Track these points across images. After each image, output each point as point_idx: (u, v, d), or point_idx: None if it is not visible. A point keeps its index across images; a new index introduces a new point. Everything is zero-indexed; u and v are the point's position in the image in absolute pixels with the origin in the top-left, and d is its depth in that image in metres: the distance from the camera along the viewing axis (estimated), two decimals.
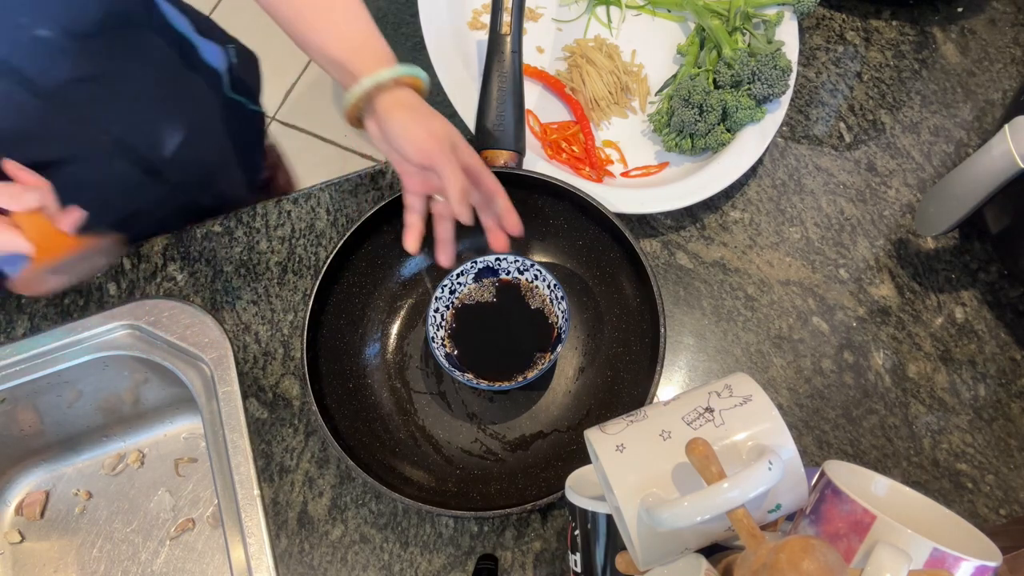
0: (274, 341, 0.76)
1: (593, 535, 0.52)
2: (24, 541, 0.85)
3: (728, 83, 0.79)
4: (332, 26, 0.64)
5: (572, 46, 0.87)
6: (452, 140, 0.63)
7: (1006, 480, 0.71)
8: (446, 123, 0.64)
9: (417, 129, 0.62)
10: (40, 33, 0.60)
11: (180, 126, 0.81)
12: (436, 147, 0.61)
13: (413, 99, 0.63)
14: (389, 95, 0.63)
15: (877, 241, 0.80)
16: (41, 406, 0.81)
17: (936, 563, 0.40)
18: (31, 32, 0.60)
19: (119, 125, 0.74)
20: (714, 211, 0.81)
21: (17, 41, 0.59)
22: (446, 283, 0.71)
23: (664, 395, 0.73)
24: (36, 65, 0.62)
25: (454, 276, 0.71)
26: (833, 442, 0.72)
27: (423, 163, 0.62)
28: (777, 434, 0.44)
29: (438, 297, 0.71)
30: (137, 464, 0.88)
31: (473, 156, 0.65)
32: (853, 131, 0.85)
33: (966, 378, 0.75)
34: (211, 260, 0.80)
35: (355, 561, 0.69)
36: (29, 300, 0.79)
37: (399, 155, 0.64)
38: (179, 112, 0.81)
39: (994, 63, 0.88)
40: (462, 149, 0.64)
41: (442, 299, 0.71)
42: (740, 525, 0.40)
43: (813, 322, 0.77)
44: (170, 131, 0.80)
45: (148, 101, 0.76)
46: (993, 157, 0.64)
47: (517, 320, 0.72)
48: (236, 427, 0.73)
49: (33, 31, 0.60)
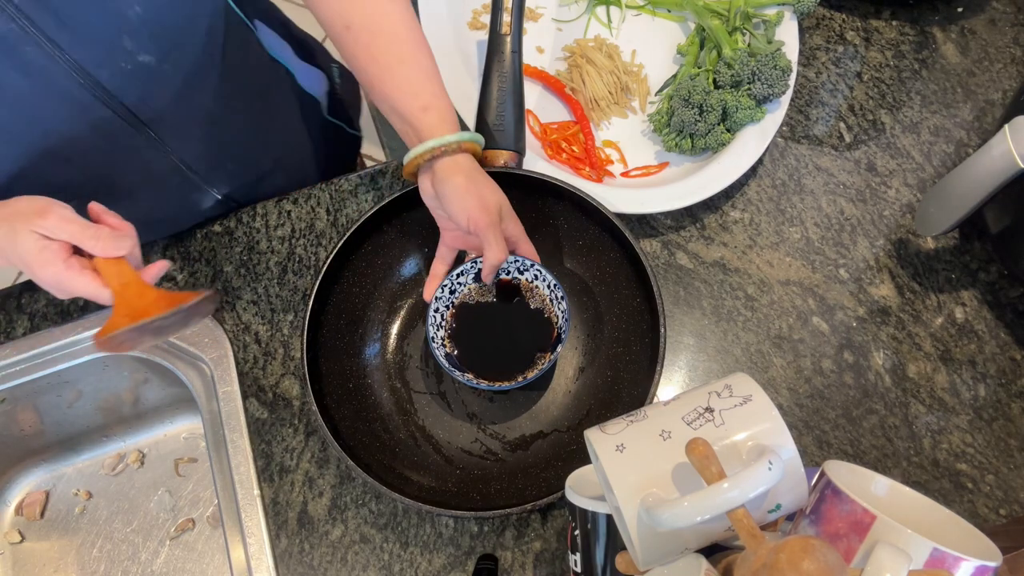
0: (274, 341, 0.76)
1: (593, 535, 0.52)
2: (24, 541, 0.85)
3: (728, 83, 0.79)
4: (404, 81, 0.65)
5: (572, 46, 0.87)
6: (501, 210, 0.66)
7: (1006, 480, 0.71)
8: (497, 191, 0.66)
9: (470, 198, 0.63)
10: (143, 59, 0.60)
11: (274, 151, 0.82)
12: (486, 220, 0.64)
13: (470, 165, 0.65)
14: (450, 159, 0.64)
15: (877, 241, 0.80)
16: (41, 406, 0.81)
17: (936, 563, 0.40)
18: (135, 58, 0.59)
19: (208, 154, 0.74)
20: (714, 211, 0.81)
21: (120, 68, 0.59)
22: (446, 283, 0.71)
23: (664, 395, 0.73)
24: (135, 93, 0.61)
25: (454, 276, 0.71)
26: (833, 442, 0.72)
27: (470, 231, 0.64)
28: (777, 434, 0.44)
29: (438, 297, 0.71)
30: (137, 464, 0.88)
31: (517, 226, 0.68)
32: (853, 131, 0.85)
33: (966, 378, 0.75)
34: (211, 260, 0.80)
35: (355, 561, 0.69)
36: (29, 300, 0.79)
37: (448, 217, 0.66)
38: (273, 139, 0.82)
39: (994, 63, 0.88)
40: (508, 218, 0.67)
41: (442, 299, 0.71)
42: (740, 525, 0.40)
43: (813, 322, 0.77)
44: (263, 157, 0.82)
45: (240, 129, 0.76)
46: (993, 157, 0.64)
47: (517, 320, 0.72)
48: (236, 427, 0.73)
49: (137, 57, 0.59)
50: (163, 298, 0.56)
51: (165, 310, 0.55)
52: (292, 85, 0.85)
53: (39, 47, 0.53)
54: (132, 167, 0.68)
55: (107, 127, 0.62)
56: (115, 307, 0.56)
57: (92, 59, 0.56)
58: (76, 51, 0.55)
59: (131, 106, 0.62)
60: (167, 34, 0.60)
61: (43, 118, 0.58)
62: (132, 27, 0.57)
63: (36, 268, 0.55)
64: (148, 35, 0.58)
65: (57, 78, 0.56)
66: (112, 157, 0.66)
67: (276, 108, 0.82)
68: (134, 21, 0.57)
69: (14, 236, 0.54)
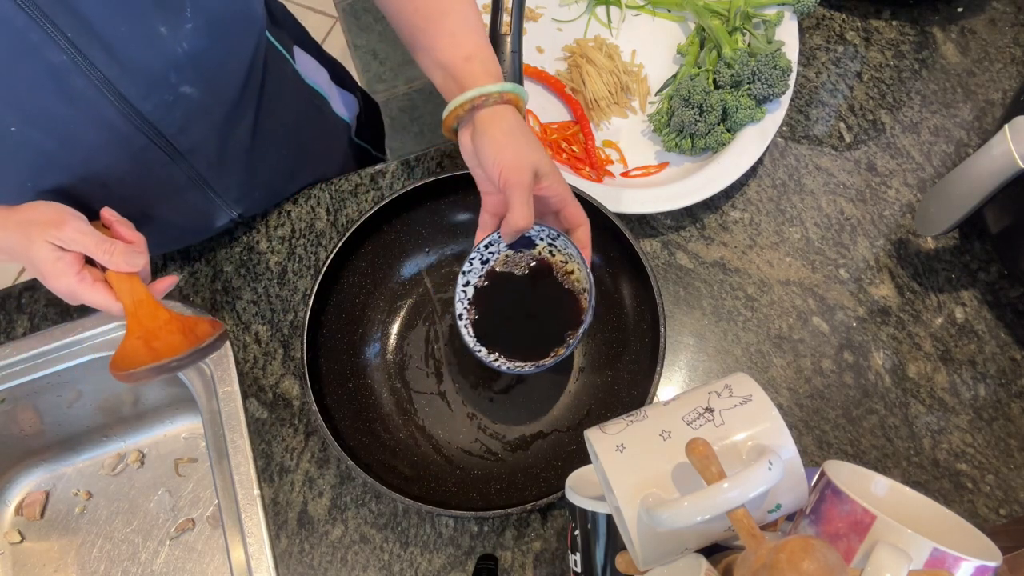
0: (274, 341, 0.76)
1: (593, 535, 0.52)
2: (24, 541, 0.85)
3: (728, 83, 0.79)
4: (448, 32, 0.63)
5: (572, 46, 0.87)
6: (539, 169, 0.61)
7: (1006, 480, 0.71)
8: (538, 150, 0.62)
9: (506, 152, 0.60)
10: (184, 90, 0.60)
11: (303, 179, 0.82)
12: (516, 178, 0.59)
13: (513, 118, 0.62)
14: (489, 110, 0.61)
15: (877, 241, 0.80)
16: (41, 406, 0.81)
17: (936, 563, 0.40)
18: (177, 90, 0.59)
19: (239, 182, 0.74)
20: (714, 211, 0.81)
21: (163, 100, 0.59)
22: (475, 256, 0.66)
23: (664, 395, 0.73)
24: (175, 124, 0.61)
25: (483, 247, 0.66)
26: (833, 442, 0.72)
27: (501, 188, 0.61)
28: (777, 434, 0.44)
29: (466, 271, 0.66)
30: (137, 464, 0.88)
31: (560, 185, 0.63)
32: (853, 131, 0.85)
33: (966, 378, 0.75)
34: (211, 260, 0.80)
35: (355, 561, 0.69)
36: (29, 300, 0.79)
37: (484, 173, 0.62)
38: (303, 166, 0.82)
39: (994, 63, 0.88)
40: (549, 177, 0.62)
41: (472, 272, 0.67)
42: (740, 525, 0.40)
43: (813, 322, 0.77)
44: (291, 184, 0.82)
45: (274, 160, 0.76)
46: (993, 157, 0.64)
47: (545, 300, 0.68)
48: (236, 427, 0.73)
49: (179, 88, 0.59)
50: (175, 321, 0.58)
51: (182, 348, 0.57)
52: (325, 111, 0.85)
53: (88, 79, 0.53)
54: (163, 193, 0.68)
55: (144, 156, 0.62)
56: (128, 326, 0.57)
57: (137, 92, 0.57)
58: (123, 84, 0.55)
59: (170, 136, 0.62)
60: (210, 67, 0.60)
61: (86, 146, 0.59)
62: (178, 63, 0.57)
63: (50, 278, 0.56)
64: (192, 68, 0.59)
65: (102, 108, 0.56)
66: (145, 182, 0.66)
67: (308, 137, 0.82)
68: (181, 57, 0.57)
69: (29, 244, 0.55)
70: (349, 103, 0.91)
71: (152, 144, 0.61)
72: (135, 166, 0.63)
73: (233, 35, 0.61)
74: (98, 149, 0.59)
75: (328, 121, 0.86)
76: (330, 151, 0.87)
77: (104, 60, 0.53)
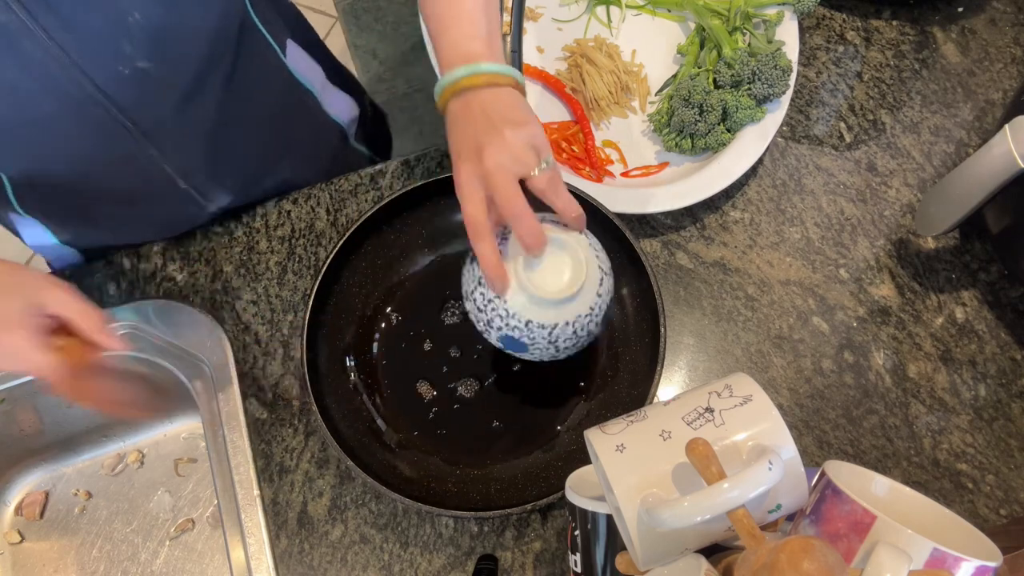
0: (274, 341, 0.76)
1: (593, 535, 0.52)
2: (24, 541, 0.85)
3: (728, 83, 0.79)
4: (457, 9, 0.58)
5: (572, 46, 0.87)
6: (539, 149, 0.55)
7: (1006, 480, 0.71)
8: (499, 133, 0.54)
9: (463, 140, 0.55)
10: (141, 65, 0.59)
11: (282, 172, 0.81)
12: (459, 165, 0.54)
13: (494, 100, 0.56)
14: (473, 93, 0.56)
15: (877, 241, 0.80)
16: (41, 406, 0.81)
17: (936, 563, 0.40)
18: (133, 63, 0.58)
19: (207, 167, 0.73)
20: (714, 211, 0.81)
21: (117, 72, 0.58)
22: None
23: (664, 395, 0.73)
24: (132, 97, 0.60)
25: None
26: (833, 442, 0.72)
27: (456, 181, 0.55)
28: (777, 434, 0.44)
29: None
30: (137, 464, 0.88)
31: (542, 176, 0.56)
32: (853, 131, 0.85)
33: (966, 378, 0.75)
34: (211, 260, 0.79)
35: (355, 561, 0.69)
36: None
37: None
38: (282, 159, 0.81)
39: (994, 63, 0.88)
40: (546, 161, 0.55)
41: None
42: (740, 525, 0.40)
43: (813, 322, 0.77)
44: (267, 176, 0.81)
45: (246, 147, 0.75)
46: (993, 157, 0.64)
47: None
48: (236, 427, 0.73)
49: (135, 62, 0.58)
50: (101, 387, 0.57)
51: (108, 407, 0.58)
52: (313, 109, 0.84)
53: (37, 43, 0.53)
54: (129, 171, 0.68)
55: (104, 129, 0.61)
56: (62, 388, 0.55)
57: (91, 61, 0.56)
58: (75, 51, 0.55)
59: (128, 110, 0.61)
60: (168, 42, 0.60)
61: (41, 116, 0.58)
62: (131, 32, 0.57)
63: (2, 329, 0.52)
64: (147, 41, 0.58)
65: (55, 75, 0.55)
66: (110, 160, 0.65)
67: (292, 131, 0.81)
68: (133, 27, 0.56)
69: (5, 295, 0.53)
70: (346, 106, 0.90)
71: (110, 118, 0.60)
72: (97, 140, 0.62)
73: (193, 10, 0.60)
74: (56, 120, 0.58)
75: (317, 120, 0.85)
76: (317, 150, 0.86)
77: (54, 23, 0.52)
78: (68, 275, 0.79)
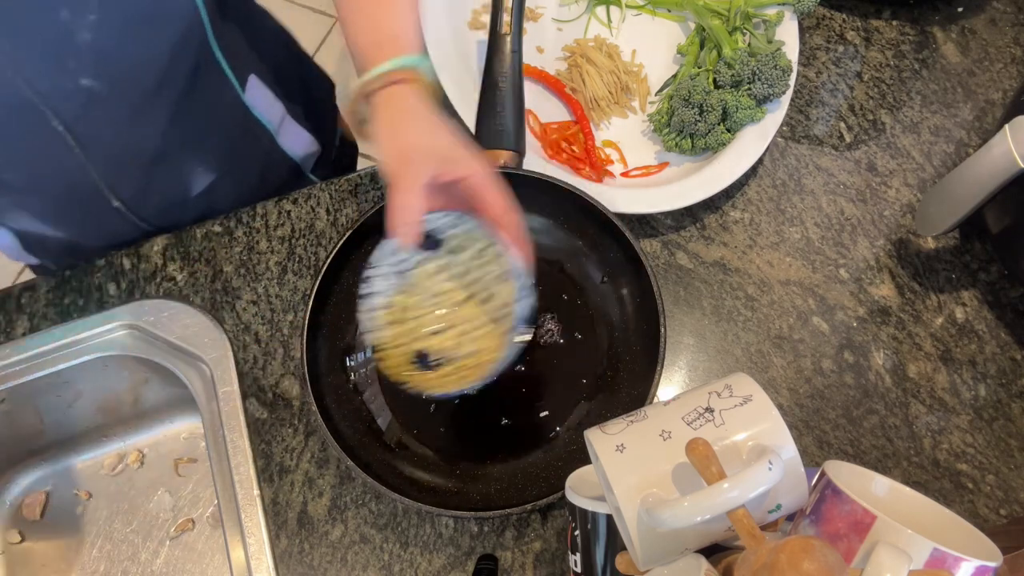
0: (274, 341, 0.76)
1: (593, 535, 0.52)
2: (24, 541, 0.85)
3: (728, 83, 0.79)
4: (367, 18, 0.59)
5: (572, 46, 0.87)
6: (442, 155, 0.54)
7: (1006, 480, 0.71)
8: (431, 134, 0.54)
9: (390, 143, 0.54)
10: (84, 83, 0.59)
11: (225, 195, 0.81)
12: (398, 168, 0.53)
13: (404, 101, 0.55)
14: (382, 93, 0.55)
15: (877, 241, 0.80)
16: (41, 406, 0.81)
17: (936, 563, 0.40)
18: (76, 79, 0.58)
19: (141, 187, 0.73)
20: (714, 211, 0.81)
21: (60, 85, 0.58)
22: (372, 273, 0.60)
23: (664, 395, 0.73)
24: (72, 111, 0.61)
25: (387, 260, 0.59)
26: (833, 442, 0.72)
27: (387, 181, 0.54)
28: (777, 434, 0.44)
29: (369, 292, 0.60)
30: (137, 464, 0.88)
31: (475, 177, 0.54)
32: (853, 131, 0.85)
33: (966, 378, 0.75)
34: (211, 260, 0.79)
35: (355, 561, 0.69)
36: (29, 300, 0.79)
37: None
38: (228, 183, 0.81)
39: (994, 63, 0.88)
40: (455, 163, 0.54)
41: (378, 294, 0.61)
42: (740, 525, 0.40)
43: (813, 322, 0.77)
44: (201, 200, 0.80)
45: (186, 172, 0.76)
46: (993, 157, 0.64)
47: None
48: (236, 427, 0.73)
49: (79, 79, 0.58)
50: None
51: None
52: (266, 144, 0.84)
53: None
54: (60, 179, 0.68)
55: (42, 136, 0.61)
56: None
57: (34, 68, 0.56)
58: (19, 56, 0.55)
59: (68, 121, 0.61)
60: (116, 65, 0.60)
61: None
62: (79, 51, 0.57)
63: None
64: (94, 61, 0.58)
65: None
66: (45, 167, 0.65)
67: (241, 161, 0.81)
68: (81, 46, 0.56)
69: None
70: (303, 142, 0.88)
71: (46, 125, 0.61)
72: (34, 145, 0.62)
73: (147, 37, 0.60)
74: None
75: (271, 156, 0.85)
76: (267, 182, 0.86)
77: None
78: (66, 275, 0.79)
